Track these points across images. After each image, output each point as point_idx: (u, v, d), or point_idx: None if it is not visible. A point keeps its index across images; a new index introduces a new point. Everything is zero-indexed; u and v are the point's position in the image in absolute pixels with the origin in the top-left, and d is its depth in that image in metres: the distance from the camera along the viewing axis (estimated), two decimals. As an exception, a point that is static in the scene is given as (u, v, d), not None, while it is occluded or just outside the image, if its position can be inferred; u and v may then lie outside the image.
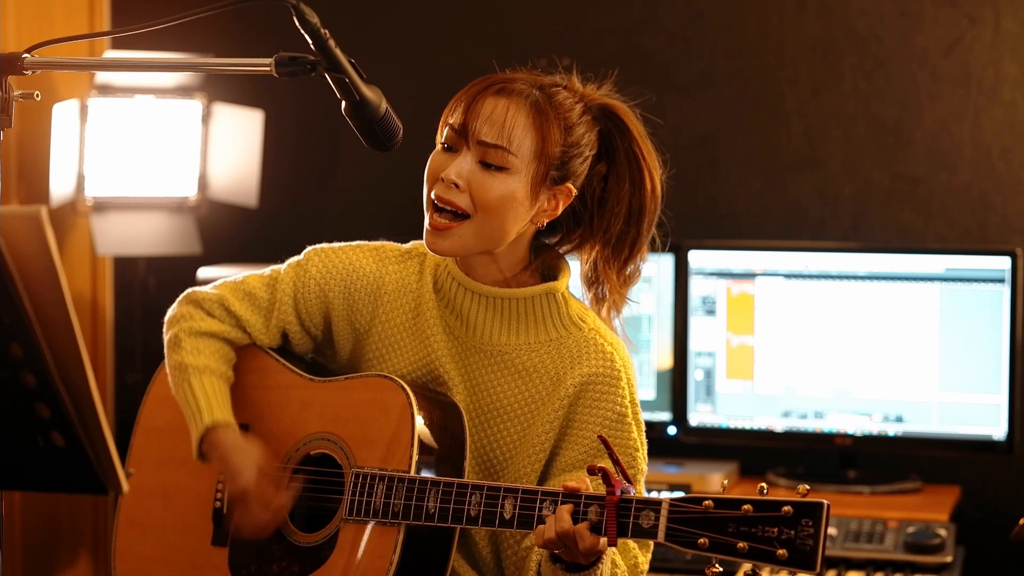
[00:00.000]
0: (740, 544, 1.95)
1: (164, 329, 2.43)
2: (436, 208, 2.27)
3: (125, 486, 1.81)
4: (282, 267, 2.43)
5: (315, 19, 2.05)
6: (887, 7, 3.78)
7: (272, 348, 2.44)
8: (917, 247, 3.66)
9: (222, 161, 3.94)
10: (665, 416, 3.71)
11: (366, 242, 2.43)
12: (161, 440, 2.48)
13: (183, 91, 3.90)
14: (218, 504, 2.40)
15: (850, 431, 3.60)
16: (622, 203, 2.31)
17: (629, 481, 2.07)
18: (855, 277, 3.60)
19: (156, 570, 2.44)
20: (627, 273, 2.35)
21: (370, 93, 2.13)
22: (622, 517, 2.04)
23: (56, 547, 4.00)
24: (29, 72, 2.09)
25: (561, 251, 2.39)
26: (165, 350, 2.42)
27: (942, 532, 3.31)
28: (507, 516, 2.14)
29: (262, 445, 2.34)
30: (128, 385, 4.05)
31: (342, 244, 2.42)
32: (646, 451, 2.33)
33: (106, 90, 3.80)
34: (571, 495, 2.09)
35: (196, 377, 2.35)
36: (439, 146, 2.29)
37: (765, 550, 1.94)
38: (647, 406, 3.67)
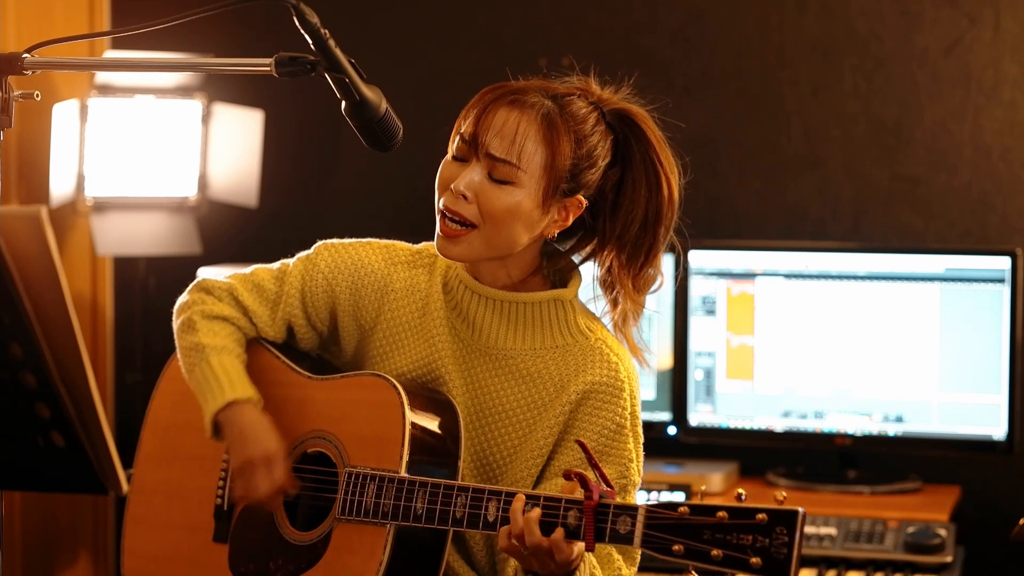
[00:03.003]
0: (714, 551, 1.94)
1: (174, 316, 2.43)
2: (445, 217, 2.26)
3: (125, 486, 1.82)
4: (291, 260, 2.43)
5: (315, 19, 2.05)
6: (887, 7, 3.78)
7: (275, 344, 2.44)
8: (917, 247, 3.66)
9: (222, 161, 3.94)
10: (665, 416, 3.71)
11: (378, 239, 2.43)
12: (168, 437, 2.49)
13: (183, 91, 3.90)
14: (219, 501, 2.41)
15: (850, 431, 3.60)
16: (638, 209, 2.29)
17: (610, 486, 2.07)
18: (855, 277, 3.60)
19: (161, 567, 2.45)
20: (643, 279, 2.32)
21: (370, 93, 2.13)
22: (600, 522, 2.03)
23: (56, 547, 4.00)
24: (29, 72, 2.09)
25: (575, 258, 2.37)
26: (176, 335, 2.41)
27: (942, 532, 3.31)
28: (491, 519, 2.14)
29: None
30: (128, 385, 4.04)
31: (353, 240, 2.42)
32: (641, 464, 2.32)
33: (106, 90, 3.80)
34: (551, 499, 2.08)
35: (215, 356, 2.35)
36: (449, 155, 2.29)
37: (739, 558, 1.93)
38: (647, 406, 3.67)
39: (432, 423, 2.28)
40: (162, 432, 2.50)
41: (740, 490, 2.00)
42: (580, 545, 2.07)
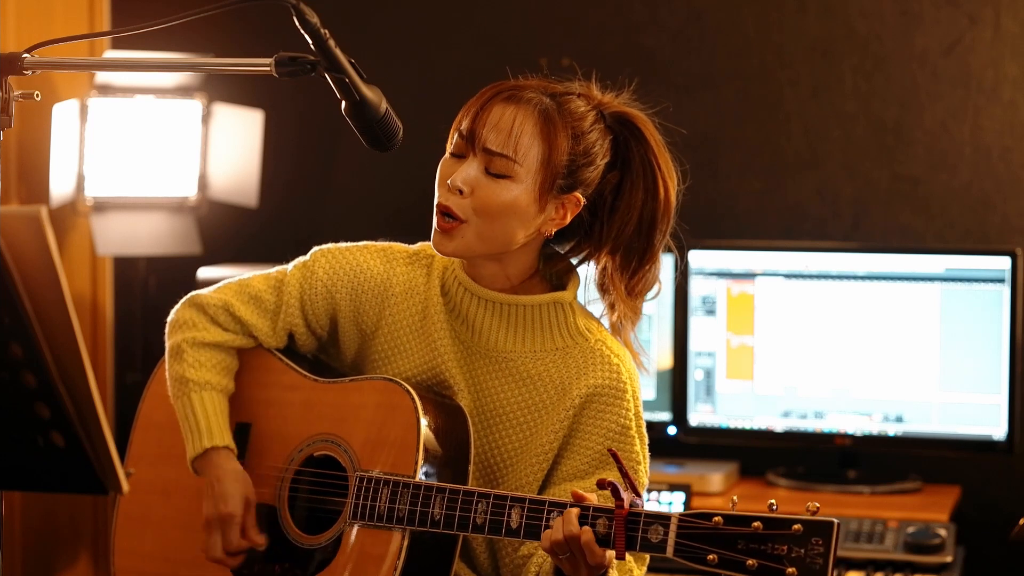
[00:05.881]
0: (750, 561, 1.94)
1: (166, 333, 2.41)
2: (441, 213, 2.26)
3: (125, 486, 1.81)
4: (288, 268, 2.41)
5: (315, 19, 2.04)
6: (887, 7, 3.78)
7: (277, 348, 2.43)
8: (917, 247, 3.66)
9: (222, 161, 3.94)
10: (665, 416, 3.71)
11: (373, 243, 2.42)
12: (161, 436, 2.48)
13: (183, 91, 3.90)
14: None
15: (850, 431, 3.60)
16: (634, 212, 2.28)
17: (638, 495, 2.06)
18: (855, 277, 3.60)
19: (156, 566, 2.44)
20: (636, 284, 2.31)
21: (370, 93, 2.12)
22: (630, 531, 2.02)
23: (56, 547, 4.00)
24: (29, 72, 2.09)
25: (573, 261, 2.36)
26: (166, 356, 2.40)
27: (942, 532, 3.31)
28: (514, 525, 2.13)
29: (250, 477, 2.35)
30: (128, 385, 4.04)
31: (349, 244, 2.40)
32: (648, 465, 2.32)
33: (106, 90, 3.80)
34: (579, 505, 2.08)
35: (197, 393, 2.35)
36: (448, 153, 2.28)
37: (775, 568, 1.93)
38: (647, 406, 3.67)
39: (443, 428, 2.26)
40: (154, 431, 2.48)
41: (772, 500, 2.00)
42: (612, 552, 2.06)
